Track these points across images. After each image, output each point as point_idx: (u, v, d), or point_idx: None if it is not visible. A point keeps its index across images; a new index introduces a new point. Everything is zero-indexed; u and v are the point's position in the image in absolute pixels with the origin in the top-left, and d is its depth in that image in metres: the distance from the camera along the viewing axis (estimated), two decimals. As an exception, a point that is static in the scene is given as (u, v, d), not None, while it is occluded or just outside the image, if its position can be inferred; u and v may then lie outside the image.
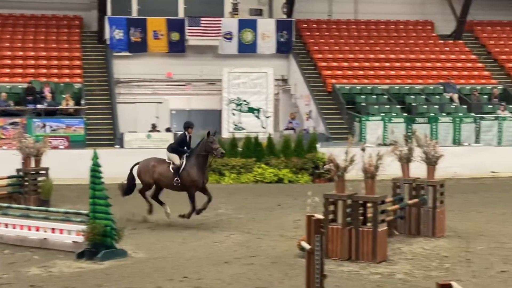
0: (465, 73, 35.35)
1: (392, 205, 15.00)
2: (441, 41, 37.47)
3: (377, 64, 35.21)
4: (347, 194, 13.28)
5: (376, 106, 31.27)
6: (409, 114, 31.03)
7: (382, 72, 34.70)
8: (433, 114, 30.85)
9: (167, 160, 17.08)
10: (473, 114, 31.27)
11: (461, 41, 37.47)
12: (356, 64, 35.01)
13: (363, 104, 31.63)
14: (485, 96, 33.55)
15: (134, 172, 17.50)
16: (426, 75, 34.81)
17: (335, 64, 34.86)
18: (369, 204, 13.24)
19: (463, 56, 36.60)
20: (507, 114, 31.33)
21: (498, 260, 13.36)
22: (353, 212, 13.21)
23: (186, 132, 17.19)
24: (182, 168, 16.69)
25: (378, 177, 13.44)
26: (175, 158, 16.89)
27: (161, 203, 17.21)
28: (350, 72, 34.41)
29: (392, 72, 34.73)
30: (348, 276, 12.07)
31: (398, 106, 31.68)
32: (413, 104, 32.00)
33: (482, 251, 14.08)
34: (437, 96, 32.89)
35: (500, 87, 33.96)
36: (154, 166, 17.11)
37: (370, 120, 29.99)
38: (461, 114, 31.24)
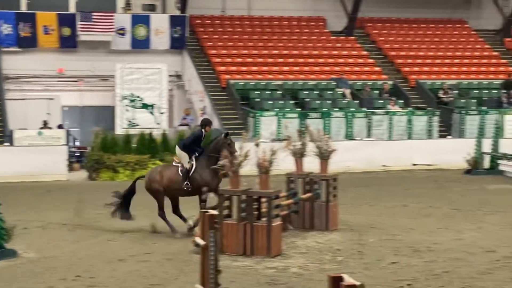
0: (357, 68, 35.91)
1: (286, 199, 15.12)
2: (333, 37, 37.98)
3: (270, 60, 35.40)
4: (241, 189, 13.32)
5: (270, 102, 31.44)
6: (303, 110, 31.33)
7: (275, 68, 34.91)
8: (325, 109, 31.24)
9: (174, 164, 15.88)
10: (364, 109, 31.83)
11: (352, 38, 38.08)
12: (250, 60, 35.12)
13: (257, 99, 31.76)
14: (376, 92, 34.19)
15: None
16: (319, 71, 35.20)
17: (229, 60, 34.88)
18: (263, 199, 13.31)
19: (354, 52, 37.19)
20: (397, 109, 32.05)
21: (389, 252, 13.64)
22: (247, 207, 13.25)
23: (203, 130, 15.90)
24: (192, 170, 15.51)
25: (272, 172, 13.54)
26: (184, 158, 15.66)
27: (183, 218, 15.77)
28: (244, 68, 34.48)
29: (286, 68, 34.99)
30: (243, 271, 12.11)
31: (292, 102, 31.93)
32: (306, 99, 32.31)
33: (373, 244, 14.35)
34: (330, 92, 33.31)
35: (390, 82, 34.66)
36: (162, 171, 15.90)
37: (264, 116, 30.14)
38: (353, 109, 31.75)
